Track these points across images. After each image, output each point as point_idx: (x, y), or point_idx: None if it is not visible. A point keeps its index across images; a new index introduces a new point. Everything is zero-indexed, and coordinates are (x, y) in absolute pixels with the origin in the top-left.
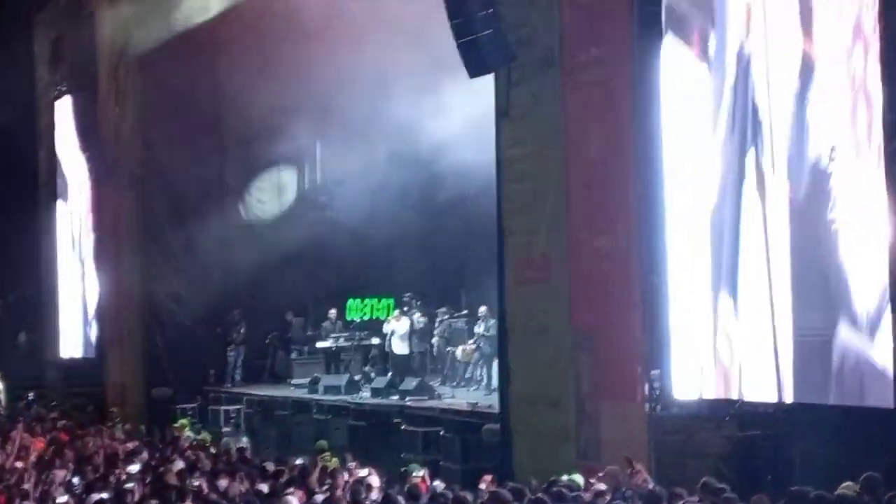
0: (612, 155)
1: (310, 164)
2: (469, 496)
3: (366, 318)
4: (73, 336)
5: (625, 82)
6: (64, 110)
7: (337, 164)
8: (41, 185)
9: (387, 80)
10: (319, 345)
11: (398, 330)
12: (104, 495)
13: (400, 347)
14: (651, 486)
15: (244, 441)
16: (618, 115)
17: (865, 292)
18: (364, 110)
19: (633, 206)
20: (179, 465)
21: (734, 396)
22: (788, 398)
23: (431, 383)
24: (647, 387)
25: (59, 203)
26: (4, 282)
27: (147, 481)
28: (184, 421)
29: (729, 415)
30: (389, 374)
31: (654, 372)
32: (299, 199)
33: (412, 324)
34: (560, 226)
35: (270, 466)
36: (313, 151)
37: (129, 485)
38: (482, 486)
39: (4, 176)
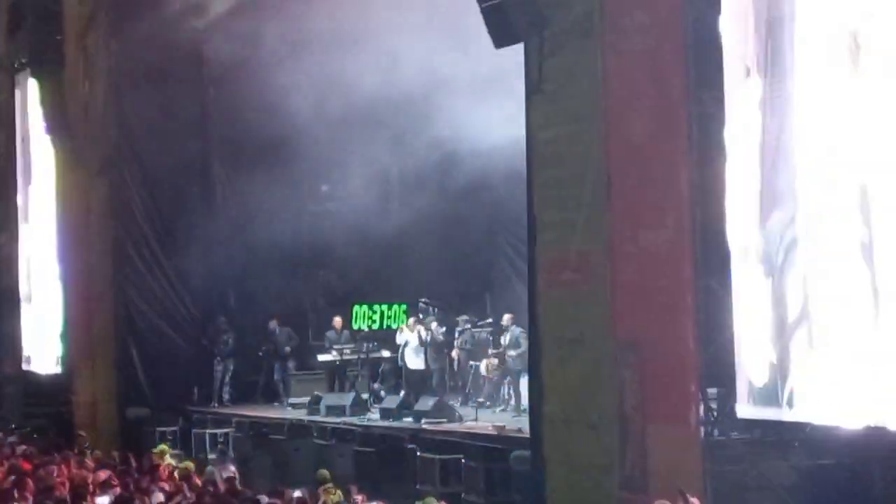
0: (661, 136)
1: (307, 148)
2: None
3: (375, 327)
4: (36, 347)
5: (676, 51)
6: (24, 86)
7: (339, 146)
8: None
9: (397, 49)
10: (321, 358)
11: (412, 341)
12: None
13: (414, 361)
14: None
15: (232, 470)
16: (667, 90)
17: None
18: (370, 84)
19: (685, 195)
20: (159, 497)
21: (807, 419)
22: (869, 421)
23: (451, 403)
24: (702, 407)
25: (20, 192)
26: None
27: None
28: (164, 446)
29: (798, 440)
30: (402, 392)
31: (711, 390)
32: (295, 189)
33: (431, 334)
34: (600, 219)
35: (264, 500)
36: (312, 132)
37: None
38: None
39: None
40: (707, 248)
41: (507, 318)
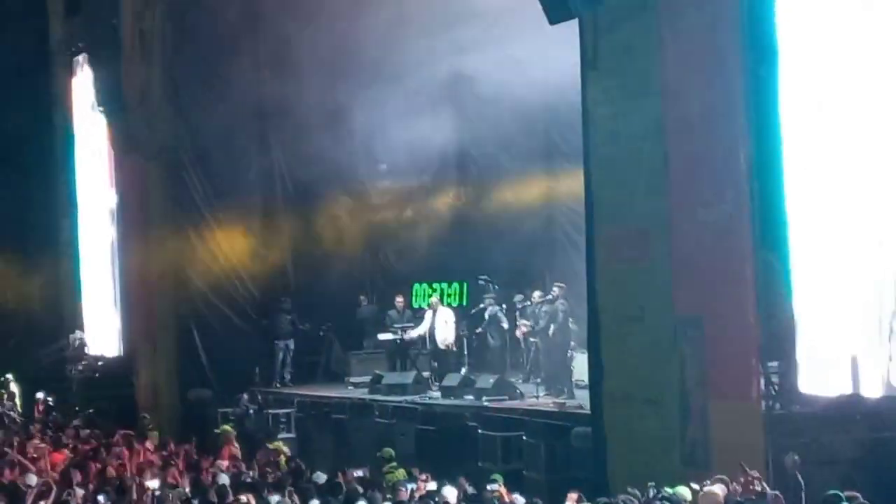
0: (719, 111)
1: (366, 124)
2: None
3: None
4: (98, 329)
5: (732, 26)
6: (81, 70)
7: (396, 124)
8: (57, 154)
9: (458, 30)
10: (382, 337)
11: (439, 320)
12: None
13: (443, 340)
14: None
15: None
16: (724, 65)
17: None
18: (430, 61)
19: (744, 170)
20: (223, 478)
21: (870, 392)
22: None
23: (512, 380)
24: (763, 381)
25: (78, 175)
26: (20, 266)
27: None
28: (226, 427)
29: (860, 414)
30: (464, 370)
31: (772, 364)
32: (353, 167)
33: (490, 313)
34: (658, 196)
35: (320, 479)
36: (371, 109)
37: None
38: (568, 503)
39: (16, 145)
40: (766, 222)
41: (556, 289)
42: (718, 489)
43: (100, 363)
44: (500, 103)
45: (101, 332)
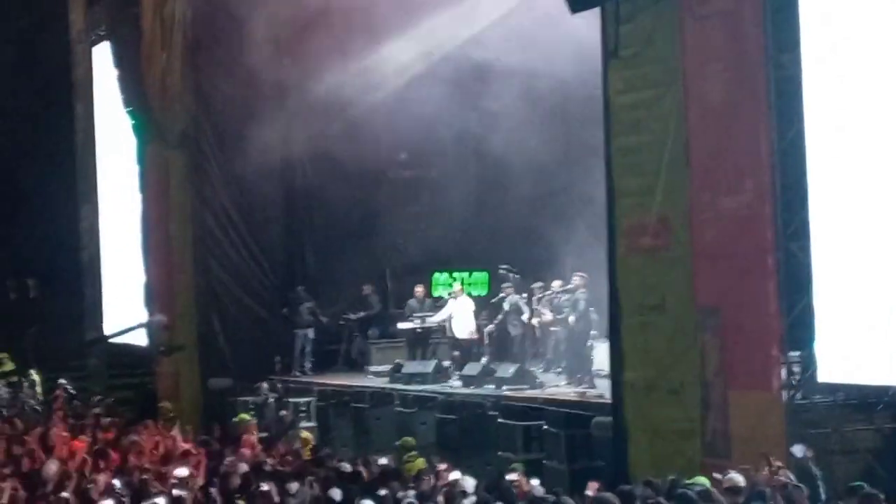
0: (741, 100)
1: (386, 114)
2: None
3: None
4: (118, 317)
5: (754, 13)
6: (102, 58)
7: (416, 111)
8: (78, 142)
9: (479, 9)
10: (402, 326)
11: (458, 310)
12: (157, 501)
13: (462, 331)
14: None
15: (305, 435)
16: (746, 53)
17: None
18: (451, 46)
19: (766, 160)
20: (243, 467)
21: (892, 382)
22: None
23: (532, 370)
24: (784, 371)
25: (99, 162)
26: (40, 253)
27: (204, 486)
28: (244, 415)
29: (882, 403)
30: (484, 359)
31: (793, 354)
32: (374, 156)
33: (510, 302)
34: (680, 185)
35: (346, 468)
36: (391, 97)
37: (180, 491)
38: (589, 492)
39: (38, 133)
40: (787, 211)
41: (576, 278)
42: (740, 478)
43: (120, 351)
44: (519, 90)
45: (122, 320)
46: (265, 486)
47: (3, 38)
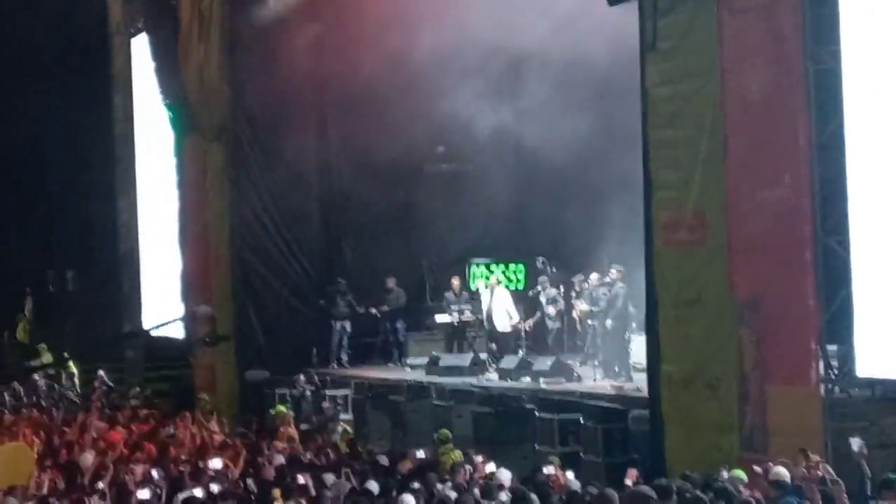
0: (780, 93)
1: (424, 106)
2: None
3: None
4: (156, 309)
5: (792, 6)
6: (140, 50)
7: (454, 105)
8: (117, 134)
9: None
10: (439, 319)
11: (496, 302)
12: (194, 493)
13: (501, 323)
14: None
15: (341, 427)
16: (784, 46)
17: None
18: (487, 40)
19: (804, 153)
20: (279, 459)
21: None
22: None
23: (569, 363)
24: (822, 365)
25: (138, 155)
26: (79, 246)
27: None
28: (281, 407)
29: None
30: (521, 352)
31: (831, 348)
32: (411, 149)
33: (547, 296)
34: (717, 178)
35: (383, 460)
36: (429, 90)
37: (216, 485)
38: (628, 481)
39: (77, 125)
40: (826, 205)
41: (613, 271)
42: (785, 472)
43: (157, 344)
44: (555, 82)
45: (160, 313)
46: (301, 479)
47: (42, 30)
